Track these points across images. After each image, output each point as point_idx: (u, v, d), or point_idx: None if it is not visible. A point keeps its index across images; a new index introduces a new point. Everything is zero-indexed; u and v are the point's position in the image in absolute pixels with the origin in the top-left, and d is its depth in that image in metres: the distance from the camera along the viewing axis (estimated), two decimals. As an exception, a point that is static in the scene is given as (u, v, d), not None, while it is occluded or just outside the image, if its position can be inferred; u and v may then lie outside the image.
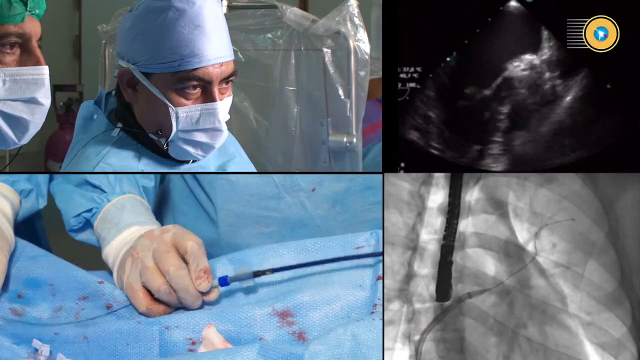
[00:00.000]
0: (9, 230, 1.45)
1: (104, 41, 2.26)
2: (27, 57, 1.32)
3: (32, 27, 1.31)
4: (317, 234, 1.60)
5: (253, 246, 1.49)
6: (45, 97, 1.34)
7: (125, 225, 1.50)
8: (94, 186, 1.58)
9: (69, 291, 1.40)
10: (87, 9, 3.90)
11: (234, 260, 1.42)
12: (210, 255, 1.42)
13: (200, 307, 1.36)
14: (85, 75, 3.86)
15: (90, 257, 1.59)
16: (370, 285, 1.32)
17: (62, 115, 3.61)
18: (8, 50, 1.30)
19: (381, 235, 1.38)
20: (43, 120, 1.37)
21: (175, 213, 1.78)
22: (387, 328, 1.37)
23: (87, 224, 1.57)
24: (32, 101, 1.33)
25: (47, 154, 3.64)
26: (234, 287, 1.38)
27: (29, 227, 1.77)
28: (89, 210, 1.56)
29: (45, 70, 1.33)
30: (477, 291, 1.36)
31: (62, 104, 3.66)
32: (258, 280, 1.36)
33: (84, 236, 1.59)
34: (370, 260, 1.35)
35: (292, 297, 1.31)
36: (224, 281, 1.35)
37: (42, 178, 1.62)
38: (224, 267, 1.42)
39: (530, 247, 1.35)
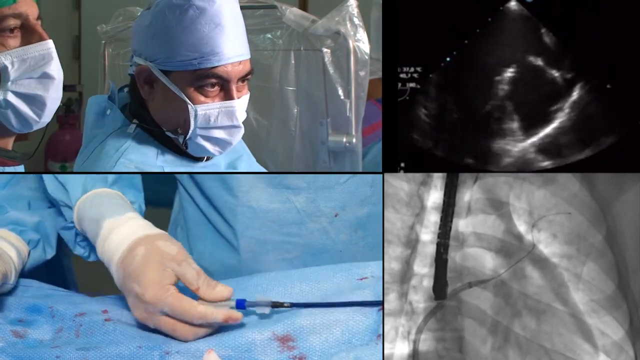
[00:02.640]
0: (10, 264, 1.44)
1: (103, 41, 2.26)
2: (29, 37, 1.34)
3: (27, 6, 1.33)
4: (339, 260, 1.59)
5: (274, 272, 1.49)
6: (56, 69, 1.36)
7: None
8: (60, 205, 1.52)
9: (67, 310, 1.38)
10: (87, 9, 3.89)
11: (236, 287, 1.38)
12: (232, 283, 1.40)
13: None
14: (84, 75, 3.86)
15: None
16: (374, 312, 1.30)
17: (62, 115, 3.61)
18: (9, 34, 1.32)
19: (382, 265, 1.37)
20: (60, 94, 1.39)
21: (191, 239, 1.77)
22: (386, 327, 1.37)
23: (87, 240, 1.53)
24: (44, 76, 1.35)
25: (47, 154, 3.63)
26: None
27: (56, 267, 1.75)
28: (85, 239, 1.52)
29: (50, 44, 1.35)
30: (477, 281, 1.36)
31: (61, 104, 3.65)
32: (273, 310, 1.34)
33: (94, 256, 1.54)
34: (371, 291, 1.33)
35: (292, 321, 1.30)
36: (241, 304, 1.32)
37: (51, 229, 1.59)
38: None
39: (527, 246, 1.35)
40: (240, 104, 1.55)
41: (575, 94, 1.39)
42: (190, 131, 1.53)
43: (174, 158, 1.59)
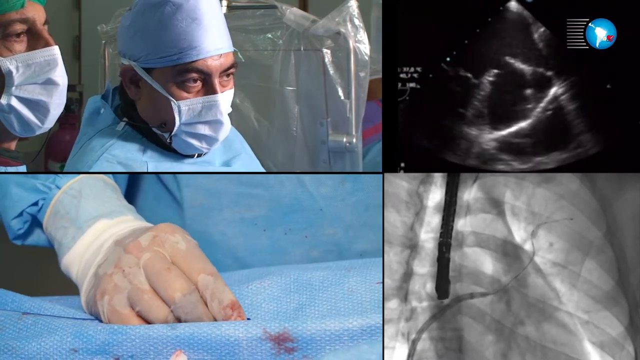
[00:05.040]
0: None
1: (103, 41, 2.26)
2: (36, 42, 1.35)
3: (35, 11, 1.34)
4: (319, 222, 1.32)
5: (230, 238, 1.28)
6: (60, 76, 1.36)
7: (87, 221, 1.20)
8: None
9: None
10: (87, 9, 3.89)
11: None
12: None
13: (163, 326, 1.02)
14: (85, 75, 3.86)
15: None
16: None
17: (62, 115, 3.61)
18: (16, 39, 1.33)
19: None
20: (63, 100, 1.39)
21: (131, 193, 1.53)
22: (386, 327, 1.37)
23: (35, 223, 1.32)
24: (48, 82, 1.35)
25: (47, 154, 3.63)
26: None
27: None
28: (35, 204, 1.29)
29: (55, 50, 1.35)
30: (479, 293, 1.36)
31: (61, 104, 3.64)
32: (249, 288, 1.07)
33: (33, 239, 1.33)
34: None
35: (290, 314, 1.04)
36: None
37: None
38: None
39: (527, 247, 1.35)
40: (224, 98, 1.55)
41: (574, 94, 1.39)
42: (175, 128, 1.53)
43: (161, 155, 1.58)
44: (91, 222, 1.20)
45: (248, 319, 1.05)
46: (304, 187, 1.35)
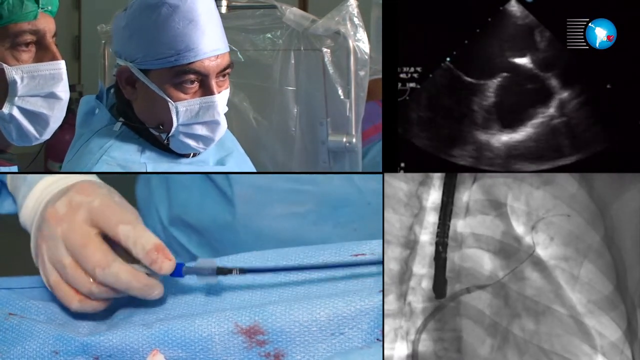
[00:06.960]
0: None
1: (103, 41, 2.26)
2: (43, 54, 1.34)
3: (46, 23, 1.34)
4: (367, 215, 1.33)
5: (280, 232, 1.30)
6: (63, 91, 1.36)
7: (34, 179, 1.25)
8: None
9: None
10: (87, 9, 3.90)
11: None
12: (226, 242, 1.21)
13: (141, 324, 1.06)
14: (84, 75, 3.87)
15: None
16: (369, 289, 1.09)
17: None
18: (24, 48, 1.33)
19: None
20: (63, 114, 1.39)
21: (172, 188, 1.58)
22: (385, 328, 1.37)
23: (3, 188, 1.37)
24: (51, 96, 1.35)
25: (47, 154, 3.64)
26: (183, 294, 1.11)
27: None
28: None
29: (61, 64, 1.35)
30: (475, 287, 1.36)
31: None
32: (221, 279, 1.08)
33: (8, 206, 1.36)
34: (372, 270, 1.12)
35: (261, 308, 1.03)
36: (177, 271, 1.08)
37: None
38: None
39: (526, 247, 1.35)
40: (221, 99, 1.55)
41: (574, 94, 1.39)
42: (173, 129, 1.53)
43: (158, 155, 1.58)
44: (37, 180, 1.24)
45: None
46: (352, 182, 1.38)
